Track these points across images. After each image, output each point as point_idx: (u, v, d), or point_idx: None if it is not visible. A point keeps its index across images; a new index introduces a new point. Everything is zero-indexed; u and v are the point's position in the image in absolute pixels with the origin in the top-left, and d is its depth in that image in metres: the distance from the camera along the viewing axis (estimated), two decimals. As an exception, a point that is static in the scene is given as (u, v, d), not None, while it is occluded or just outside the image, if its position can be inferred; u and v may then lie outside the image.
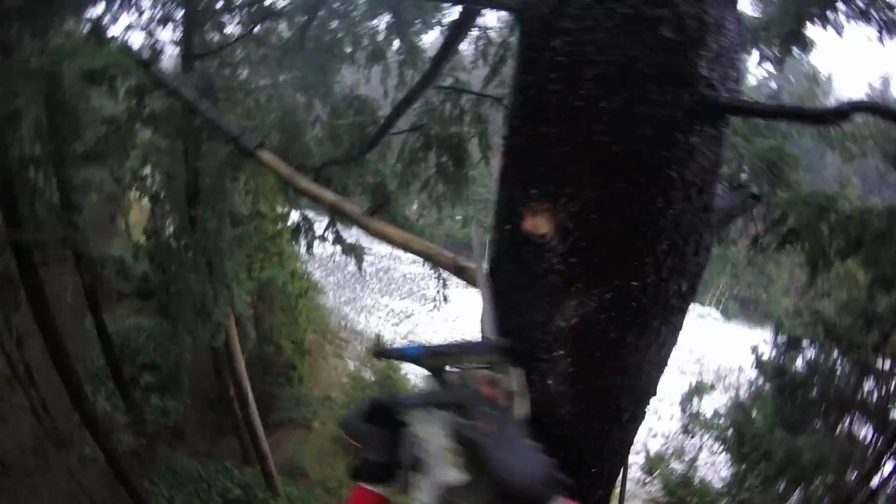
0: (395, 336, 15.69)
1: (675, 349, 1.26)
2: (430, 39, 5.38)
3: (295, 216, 6.06)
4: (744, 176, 3.23)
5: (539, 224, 0.99)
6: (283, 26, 6.80)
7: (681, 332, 1.25)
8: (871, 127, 5.42)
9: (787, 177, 3.22)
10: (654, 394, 1.34)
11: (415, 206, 7.44)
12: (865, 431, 6.85)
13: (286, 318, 11.23)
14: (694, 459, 9.19)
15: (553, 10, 1.01)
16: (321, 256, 14.77)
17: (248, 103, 6.30)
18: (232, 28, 7.25)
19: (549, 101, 0.99)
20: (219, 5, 6.81)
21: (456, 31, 2.05)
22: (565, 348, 1.06)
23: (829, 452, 6.38)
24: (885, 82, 29.56)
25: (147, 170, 6.81)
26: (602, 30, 0.94)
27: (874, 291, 5.54)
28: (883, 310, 6.14)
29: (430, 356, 0.98)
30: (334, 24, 5.29)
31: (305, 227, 5.55)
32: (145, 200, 7.42)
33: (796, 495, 7.12)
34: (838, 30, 3.90)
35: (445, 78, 4.39)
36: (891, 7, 3.70)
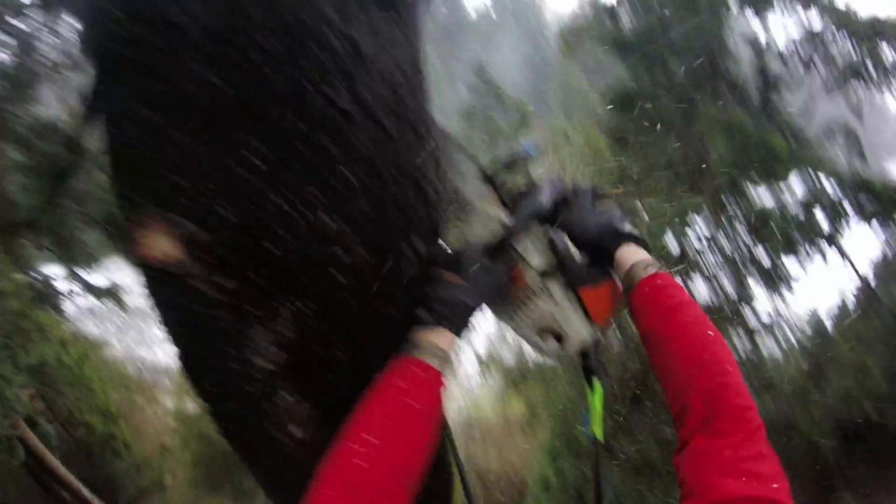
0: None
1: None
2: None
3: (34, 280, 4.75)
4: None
5: (157, 245, 0.63)
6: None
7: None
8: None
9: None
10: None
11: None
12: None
13: (79, 392, 9.32)
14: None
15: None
16: (90, 308, 12.57)
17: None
18: None
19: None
20: None
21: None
22: (288, 390, 0.76)
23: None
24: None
25: None
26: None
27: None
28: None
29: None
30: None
31: (47, 289, 4.39)
32: None
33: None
34: None
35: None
36: None
